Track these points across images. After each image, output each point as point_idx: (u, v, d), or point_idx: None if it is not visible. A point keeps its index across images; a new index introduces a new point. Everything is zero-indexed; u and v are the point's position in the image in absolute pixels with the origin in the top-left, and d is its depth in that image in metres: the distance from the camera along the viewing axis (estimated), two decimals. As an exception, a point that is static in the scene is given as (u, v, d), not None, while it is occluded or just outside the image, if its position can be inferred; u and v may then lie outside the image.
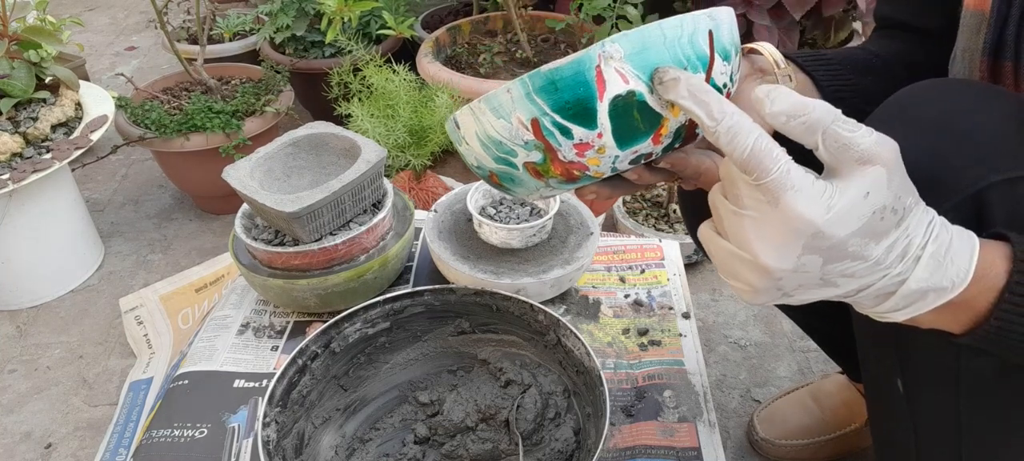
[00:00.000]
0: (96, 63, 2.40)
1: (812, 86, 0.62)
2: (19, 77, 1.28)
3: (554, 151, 0.46)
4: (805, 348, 1.18)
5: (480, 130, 0.47)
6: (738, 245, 0.41)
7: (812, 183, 0.39)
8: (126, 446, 0.98)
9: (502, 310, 0.79)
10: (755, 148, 0.39)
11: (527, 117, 0.45)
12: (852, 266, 0.40)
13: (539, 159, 0.46)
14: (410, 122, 1.26)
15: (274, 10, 1.71)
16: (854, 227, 0.38)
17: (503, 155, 0.48)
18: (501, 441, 0.74)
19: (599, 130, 0.44)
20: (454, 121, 0.50)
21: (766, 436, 0.99)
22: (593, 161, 0.46)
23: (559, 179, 0.48)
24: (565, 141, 0.45)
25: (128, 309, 1.25)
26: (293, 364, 0.72)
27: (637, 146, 0.46)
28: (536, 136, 0.45)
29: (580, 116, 0.44)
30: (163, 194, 1.67)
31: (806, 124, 0.39)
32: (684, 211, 0.87)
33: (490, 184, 0.52)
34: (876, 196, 0.38)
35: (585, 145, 0.45)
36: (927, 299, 0.41)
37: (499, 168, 0.49)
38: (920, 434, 0.56)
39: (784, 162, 0.39)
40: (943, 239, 0.40)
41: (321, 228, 0.86)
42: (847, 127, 0.38)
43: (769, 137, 0.39)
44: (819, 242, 0.39)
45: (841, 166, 0.39)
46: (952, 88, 0.51)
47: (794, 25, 1.45)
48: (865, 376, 0.63)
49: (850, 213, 0.38)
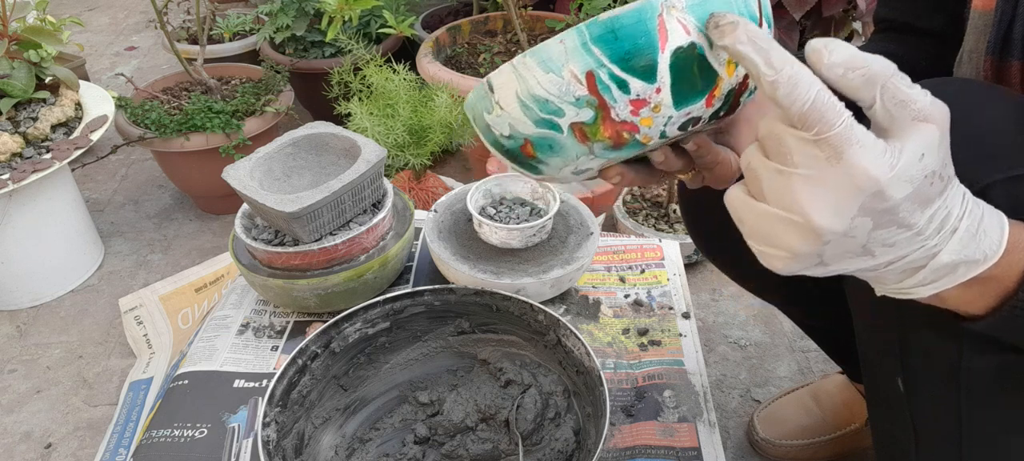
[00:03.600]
0: (96, 63, 2.40)
1: None
2: (19, 77, 1.28)
3: (608, 109, 0.43)
4: (805, 348, 1.18)
5: (522, 88, 0.44)
6: (784, 207, 0.39)
7: (875, 141, 0.37)
8: (126, 446, 0.98)
9: (502, 310, 0.79)
10: (817, 100, 0.37)
11: (582, 70, 0.42)
12: (896, 234, 0.39)
13: (589, 118, 0.43)
14: (410, 122, 1.26)
15: (274, 10, 1.71)
16: (908, 190, 0.37)
17: (547, 116, 0.44)
18: (501, 441, 0.74)
19: (658, 84, 0.42)
20: (487, 84, 0.46)
21: (766, 436, 0.99)
22: (645, 122, 0.43)
23: (605, 144, 0.45)
24: (621, 96, 0.42)
25: (128, 309, 1.25)
26: (293, 364, 0.72)
27: (691, 106, 0.44)
28: (590, 91, 0.42)
29: (640, 68, 0.41)
30: (163, 194, 1.67)
31: (866, 76, 0.37)
32: (684, 211, 0.87)
33: (517, 161, 0.49)
34: (929, 159, 0.37)
35: (641, 101, 0.42)
36: (957, 272, 0.40)
37: (538, 133, 0.45)
38: (920, 434, 0.56)
39: (847, 116, 0.37)
40: (976, 213, 0.40)
41: (321, 228, 0.86)
42: (905, 83, 0.37)
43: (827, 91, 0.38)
44: (876, 203, 0.37)
45: (895, 124, 0.38)
46: (953, 87, 0.51)
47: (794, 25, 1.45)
48: (865, 375, 0.63)
49: (908, 173, 0.37)
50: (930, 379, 0.53)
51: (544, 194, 0.94)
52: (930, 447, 0.56)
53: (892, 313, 0.52)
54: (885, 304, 0.46)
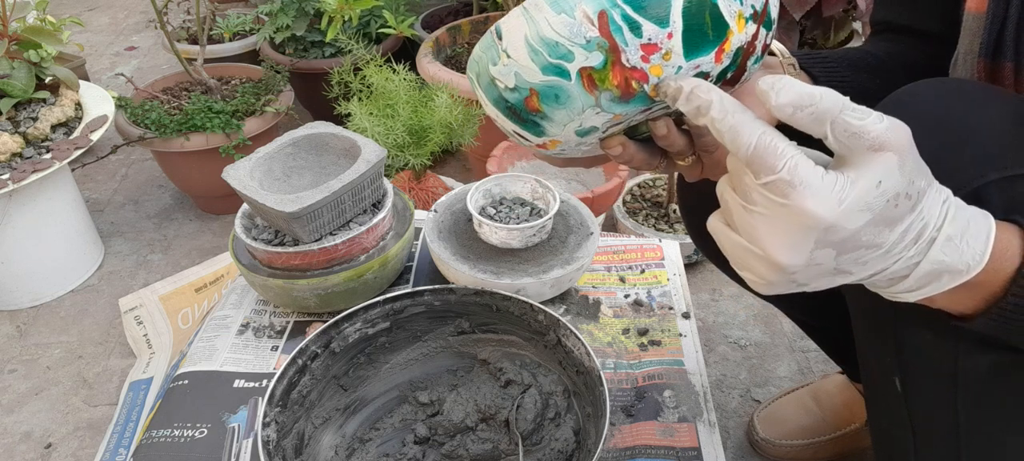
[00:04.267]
0: (96, 63, 2.40)
1: (810, 82, 0.62)
2: (19, 77, 1.28)
3: (619, 52, 0.42)
4: (805, 348, 1.18)
5: (532, 31, 0.43)
6: (749, 240, 0.40)
7: (821, 177, 0.38)
8: (126, 446, 0.98)
9: (502, 310, 0.79)
10: (758, 145, 0.38)
11: (594, 9, 0.42)
12: (866, 254, 0.39)
13: (599, 62, 0.43)
14: (410, 122, 1.26)
15: (274, 10, 1.72)
16: (867, 218, 0.38)
17: (556, 61, 0.43)
18: (501, 441, 0.74)
19: (670, 29, 0.42)
20: (495, 31, 0.46)
21: (766, 436, 0.99)
22: (655, 70, 0.43)
23: (613, 93, 0.44)
24: (633, 39, 0.42)
25: (128, 309, 1.25)
26: (293, 364, 0.72)
27: (700, 58, 0.44)
28: (602, 32, 0.42)
29: (653, 10, 0.41)
30: (163, 194, 1.67)
31: (814, 115, 0.38)
32: (683, 210, 0.87)
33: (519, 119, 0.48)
34: (889, 183, 0.37)
35: (653, 46, 0.42)
36: (941, 280, 0.41)
37: (545, 82, 0.44)
38: (918, 432, 0.56)
39: (790, 158, 0.38)
40: (960, 220, 0.40)
41: (321, 228, 0.86)
42: (856, 115, 0.37)
43: (774, 132, 0.38)
44: (831, 236, 0.38)
45: (852, 154, 0.38)
46: (949, 87, 0.51)
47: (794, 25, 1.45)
48: (863, 374, 0.63)
49: (862, 204, 0.37)
50: (927, 378, 0.53)
51: (544, 194, 0.94)
52: (929, 446, 0.56)
53: (888, 313, 0.52)
54: (881, 304, 0.46)
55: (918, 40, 0.67)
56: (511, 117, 0.48)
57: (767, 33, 0.46)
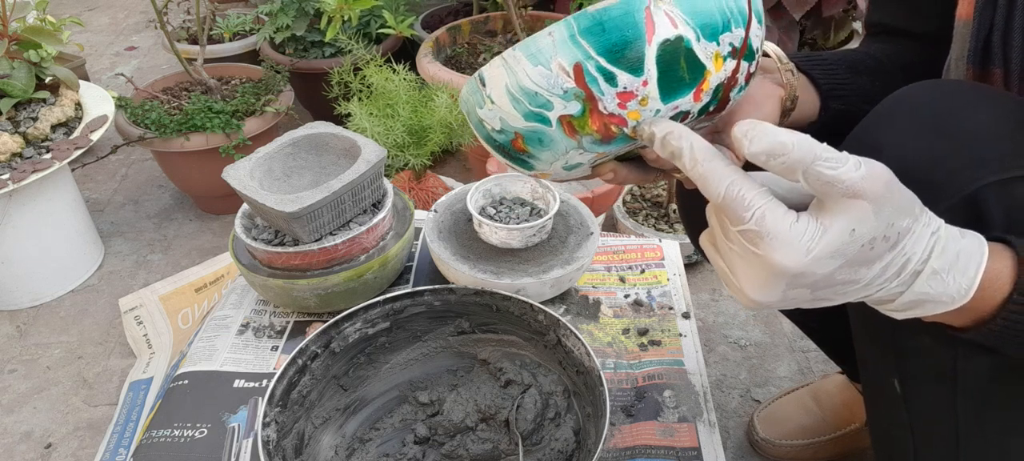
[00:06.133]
0: (96, 63, 2.40)
1: (810, 85, 0.62)
2: (19, 77, 1.28)
3: (595, 101, 0.43)
4: (805, 348, 1.18)
5: (512, 82, 0.45)
6: (730, 270, 0.42)
7: (790, 226, 0.38)
8: (126, 446, 0.98)
9: (502, 310, 0.79)
10: (726, 196, 0.39)
11: (569, 62, 0.43)
12: (844, 288, 0.40)
13: (577, 111, 0.44)
14: (410, 122, 1.26)
15: (274, 10, 1.72)
16: (838, 263, 0.38)
17: (536, 109, 0.45)
18: (501, 441, 0.74)
19: (645, 77, 0.42)
20: (479, 78, 0.47)
21: (766, 436, 0.99)
22: (633, 115, 0.44)
23: (594, 137, 0.45)
24: (608, 89, 0.43)
25: (128, 309, 1.25)
26: (293, 364, 0.72)
27: (679, 100, 0.44)
28: (578, 83, 0.43)
29: (627, 61, 0.42)
30: (163, 194, 1.67)
31: (786, 164, 0.37)
32: (682, 213, 0.87)
33: (508, 156, 0.49)
34: (863, 229, 0.38)
35: (629, 94, 0.43)
36: (924, 307, 0.41)
37: (528, 127, 0.46)
38: (917, 433, 0.56)
39: (758, 208, 0.38)
40: (949, 253, 0.40)
41: (321, 228, 0.86)
42: (829, 164, 0.37)
43: (743, 181, 0.39)
44: (802, 280, 0.39)
45: (827, 200, 0.38)
46: (947, 89, 0.51)
47: (794, 25, 1.45)
48: (862, 375, 0.63)
49: (833, 252, 0.38)
50: (926, 379, 0.53)
51: (544, 194, 0.94)
52: (928, 447, 0.56)
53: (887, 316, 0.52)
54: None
55: (914, 42, 0.68)
56: (501, 154, 0.50)
57: (749, 64, 0.47)
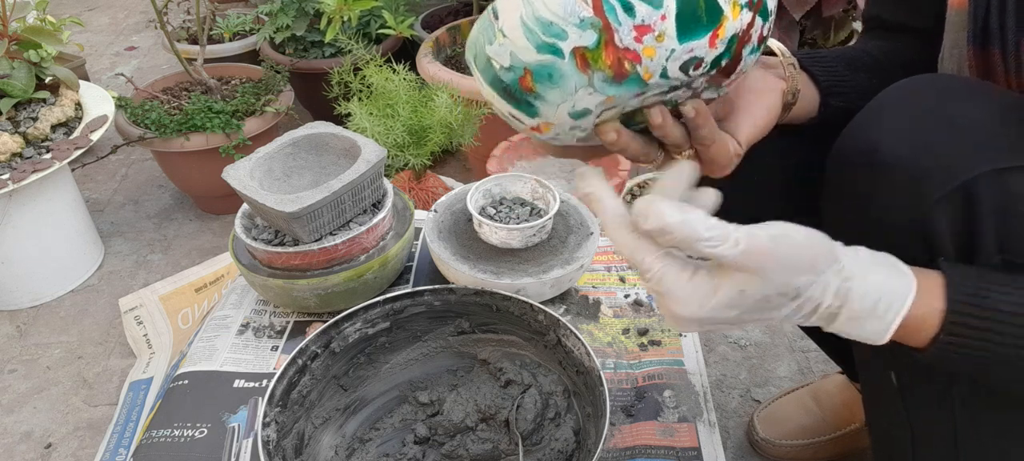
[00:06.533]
0: (96, 63, 2.40)
1: (810, 82, 0.62)
2: (19, 77, 1.28)
3: (611, 32, 0.43)
4: (805, 348, 1.18)
5: (527, 11, 0.44)
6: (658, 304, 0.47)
7: (685, 284, 0.42)
8: (126, 446, 0.98)
9: (502, 310, 0.79)
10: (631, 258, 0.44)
11: None
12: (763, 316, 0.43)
13: (592, 42, 0.43)
14: (410, 122, 1.26)
15: (274, 10, 1.72)
16: (735, 313, 0.42)
17: (550, 40, 0.44)
18: (501, 441, 0.74)
19: (663, 11, 0.42)
20: (491, 11, 0.47)
21: (766, 436, 0.99)
22: (648, 51, 0.43)
23: (606, 74, 0.45)
24: (626, 19, 0.42)
25: (128, 309, 1.25)
26: (293, 364, 0.72)
27: (694, 43, 0.44)
28: (595, 11, 0.42)
29: None
30: (163, 194, 1.67)
31: (673, 242, 0.42)
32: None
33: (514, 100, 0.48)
34: (752, 290, 0.41)
35: (645, 28, 0.43)
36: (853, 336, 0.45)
37: (539, 60, 0.45)
38: (916, 433, 0.56)
39: (656, 271, 0.43)
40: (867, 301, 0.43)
41: (321, 228, 0.86)
42: (710, 244, 0.41)
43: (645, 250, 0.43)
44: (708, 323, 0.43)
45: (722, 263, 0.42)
46: (941, 83, 0.52)
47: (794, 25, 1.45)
48: (861, 375, 0.63)
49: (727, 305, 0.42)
50: (924, 379, 0.53)
51: (544, 194, 0.94)
52: (927, 446, 0.56)
53: None
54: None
55: (911, 37, 0.68)
56: (506, 97, 0.49)
57: (764, 24, 0.46)
